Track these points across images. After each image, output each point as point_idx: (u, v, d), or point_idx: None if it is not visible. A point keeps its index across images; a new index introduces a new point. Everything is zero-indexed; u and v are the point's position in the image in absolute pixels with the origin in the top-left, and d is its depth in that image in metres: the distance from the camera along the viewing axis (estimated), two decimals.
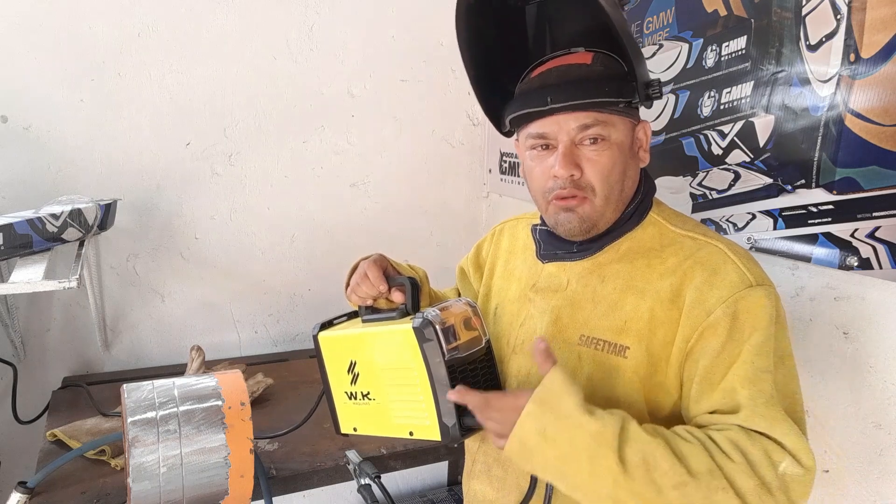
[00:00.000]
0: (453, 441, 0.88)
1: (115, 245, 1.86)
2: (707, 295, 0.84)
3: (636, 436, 0.77)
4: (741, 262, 0.86)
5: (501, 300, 1.09)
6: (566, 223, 0.92)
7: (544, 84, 0.90)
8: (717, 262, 0.86)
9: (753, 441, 0.77)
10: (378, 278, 1.00)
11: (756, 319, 0.82)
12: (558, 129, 0.88)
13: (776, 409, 0.79)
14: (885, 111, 0.98)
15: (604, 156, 0.88)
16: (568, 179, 0.89)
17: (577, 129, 0.88)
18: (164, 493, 0.95)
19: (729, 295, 0.83)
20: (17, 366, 1.73)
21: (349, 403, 1.03)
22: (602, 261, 0.95)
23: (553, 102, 0.87)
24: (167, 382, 1.04)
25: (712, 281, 0.85)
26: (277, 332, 2.13)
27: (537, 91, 0.90)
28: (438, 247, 2.29)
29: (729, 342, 0.82)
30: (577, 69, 0.89)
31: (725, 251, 0.87)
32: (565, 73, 0.89)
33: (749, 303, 0.82)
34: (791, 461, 0.76)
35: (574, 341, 0.93)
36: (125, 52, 1.76)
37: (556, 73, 0.90)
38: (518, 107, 0.92)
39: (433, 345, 0.86)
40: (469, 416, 0.87)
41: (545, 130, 0.90)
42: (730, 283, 0.84)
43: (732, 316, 0.82)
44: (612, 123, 0.88)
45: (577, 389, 0.79)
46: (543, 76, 0.91)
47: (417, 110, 2.15)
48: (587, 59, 0.90)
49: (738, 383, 0.80)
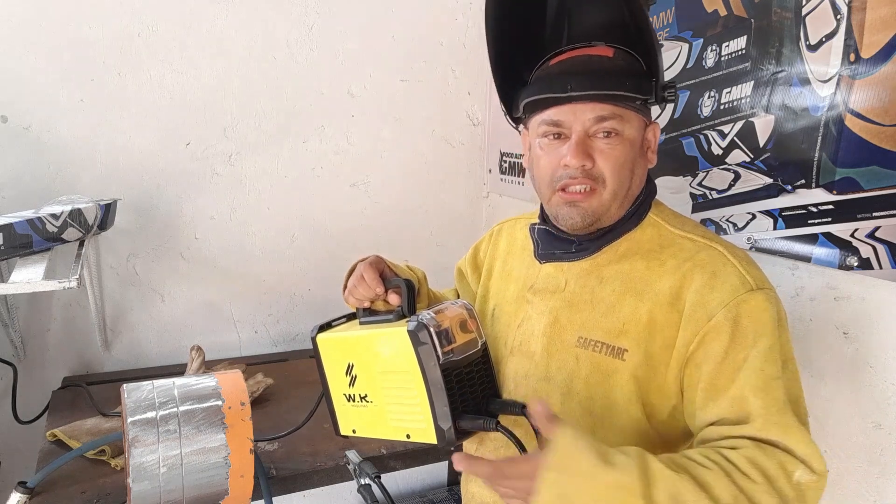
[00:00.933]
0: (449, 444, 0.87)
1: (115, 245, 1.86)
2: (707, 298, 0.83)
3: (660, 475, 0.73)
4: (741, 265, 0.85)
5: (499, 301, 1.09)
6: (568, 217, 0.92)
7: (565, 71, 0.89)
8: (717, 264, 0.86)
9: (768, 455, 0.75)
10: (374, 280, 0.99)
11: (760, 325, 0.81)
12: (574, 118, 0.88)
13: (789, 416, 0.78)
14: (885, 111, 0.98)
15: (616, 149, 0.88)
16: (579, 169, 0.88)
17: (594, 121, 0.87)
18: (164, 493, 0.95)
19: (730, 298, 0.82)
20: (17, 366, 1.73)
21: (348, 405, 1.03)
22: (600, 262, 0.95)
23: (573, 90, 0.86)
24: (167, 382, 1.04)
25: (712, 284, 0.84)
26: (277, 332, 2.13)
27: (558, 77, 0.89)
28: (438, 247, 2.29)
29: (732, 347, 0.81)
30: (598, 60, 0.89)
31: (725, 253, 0.87)
32: (587, 63, 0.89)
33: (751, 307, 0.82)
34: (804, 469, 0.75)
35: (572, 343, 0.93)
36: (125, 52, 1.75)
37: (578, 62, 0.89)
38: (536, 91, 0.91)
39: (427, 348, 0.85)
40: (465, 420, 0.87)
41: (561, 118, 0.89)
42: (730, 287, 0.83)
43: (734, 320, 0.81)
44: (627, 119, 0.88)
45: (589, 441, 0.75)
46: (564, 64, 0.90)
47: (417, 110, 2.15)
48: (609, 52, 0.90)
49: (750, 392, 0.79)
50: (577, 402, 0.91)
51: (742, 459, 0.75)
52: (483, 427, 0.87)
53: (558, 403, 0.93)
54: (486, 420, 0.87)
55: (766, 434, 0.77)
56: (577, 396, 0.92)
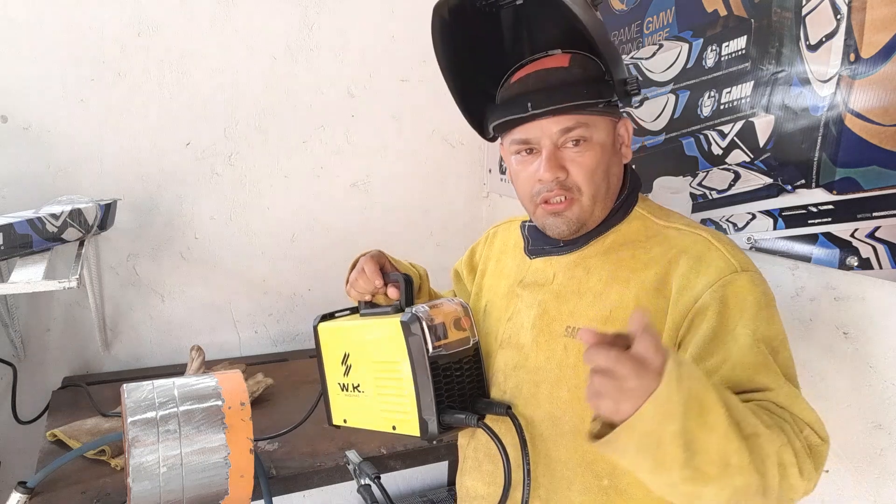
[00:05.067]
0: (431, 437, 0.89)
1: (115, 245, 1.86)
2: (694, 282, 0.84)
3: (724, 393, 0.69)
4: (725, 249, 0.86)
5: (491, 297, 1.10)
6: (554, 227, 0.94)
7: (524, 90, 0.90)
8: (702, 249, 0.87)
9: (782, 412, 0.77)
10: (374, 273, 1.02)
11: (746, 304, 0.82)
12: (541, 133, 0.89)
13: (790, 386, 0.79)
14: (885, 111, 0.98)
15: (587, 156, 0.89)
16: (554, 182, 0.90)
17: (560, 133, 0.89)
18: (164, 493, 0.95)
19: (716, 279, 0.83)
20: (17, 366, 1.73)
21: (341, 395, 1.05)
22: (587, 253, 0.96)
23: (533, 108, 0.88)
24: (167, 382, 1.04)
25: (698, 268, 0.85)
26: (277, 332, 2.13)
27: (517, 97, 0.90)
28: (438, 247, 2.29)
29: (720, 326, 0.81)
30: (555, 73, 0.90)
31: (709, 239, 0.88)
32: (544, 78, 0.90)
33: (737, 287, 0.82)
34: (811, 432, 0.76)
35: (560, 333, 0.94)
36: (125, 52, 1.75)
37: (535, 77, 0.90)
38: (500, 114, 0.93)
39: (418, 339, 0.87)
40: (448, 415, 0.88)
41: (528, 136, 0.91)
42: (716, 269, 0.84)
43: (721, 300, 0.82)
44: (593, 124, 0.89)
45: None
46: (522, 82, 0.92)
47: (417, 110, 2.15)
48: (564, 61, 0.90)
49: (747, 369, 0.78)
50: (566, 389, 0.92)
51: (765, 405, 0.76)
52: (465, 423, 0.89)
53: (547, 392, 0.94)
54: (468, 415, 0.89)
55: (776, 398, 0.77)
56: (566, 384, 0.92)
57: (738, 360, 0.79)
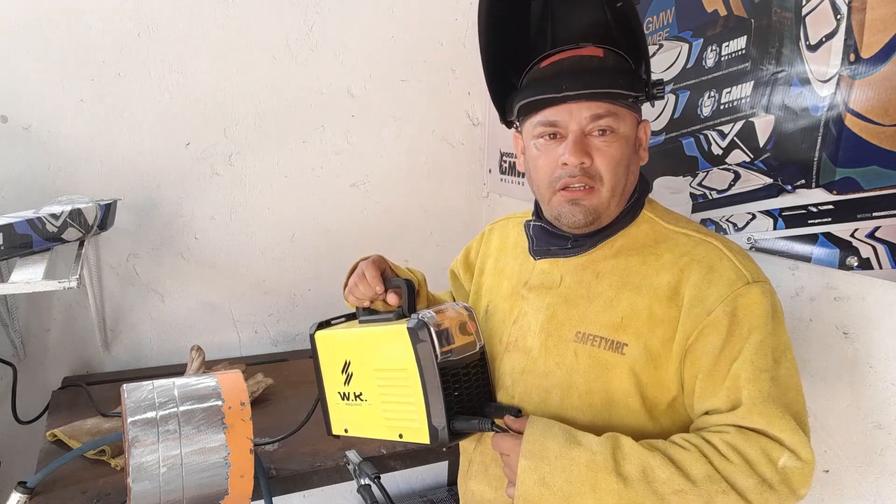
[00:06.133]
0: (441, 445, 0.87)
1: (115, 245, 1.86)
2: (706, 293, 0.85)
3: (631, 451, 0.80)
4: (737, 259, 0.87)
5: (493, 298, 1.09)
6: (570, 215, 0.92)
7: (559, 72, 0.90)
8: (714, 258, 0.87)
9: (750, 441, 0.79)
10: (375, 279, 1.00)
11: (754, 318, 0.83)
12: (570, 117, 0.89)
13: (774, 406, 0.80)
14: (885, 111, 0.98)
15: (613, 147, 0.89)
16: (578, 167, 0.89)
17: (589, 119, 0.88)
18: (164, 493, 0.95)
19: (728, 293, 0.84)
20: (17, 366, 1.73)
21: (342, 404, 1.03)
22: (596, 257, 0.95)
23: (568, 90, 0.87)
24: (167, 382, 1.04)
25: (710, 278, 0.86)
26: (277, 332, 2.13)
27: (551, 79, 0.90)
28: (438, 247, 2.29)
29: (729, 340, 0.83)
30: (590, 60, 0.90)
31: (721, 248, 0.89)
32: (579, 63, 0.90)
33: (747, 300, 0.84)
34: (790, 455, 0.78)
35: (570, 338, 0.94)
36: (125, 52, 1.75)
37: (571, 62, 0.90)
38: (530, 93, 0.92)
39: (426, 346, 0.86)
40: (459, 421, 0.87)
41: (557, 118, 0.90)
42: (727, 281, 0.85)
43: (731, 314, 0.83)
44: (621, 116, 0.89)
45: (560, 427, 0.84)
46: (557, 65, 0.91)
47: (417, 110, 2.15)
48: (599, 52, 0.91)
49: (741, 383, 0.82)
50: (576, 395, 0.92)
51: (721, 443, 0.79)
52: (478, 428, 0.87)
53: (558, 398, 0.94)
54: (480, 420, 0.87)
55: (750, 423, 0.80)
56: (576, 390, 0.92)
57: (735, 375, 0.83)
